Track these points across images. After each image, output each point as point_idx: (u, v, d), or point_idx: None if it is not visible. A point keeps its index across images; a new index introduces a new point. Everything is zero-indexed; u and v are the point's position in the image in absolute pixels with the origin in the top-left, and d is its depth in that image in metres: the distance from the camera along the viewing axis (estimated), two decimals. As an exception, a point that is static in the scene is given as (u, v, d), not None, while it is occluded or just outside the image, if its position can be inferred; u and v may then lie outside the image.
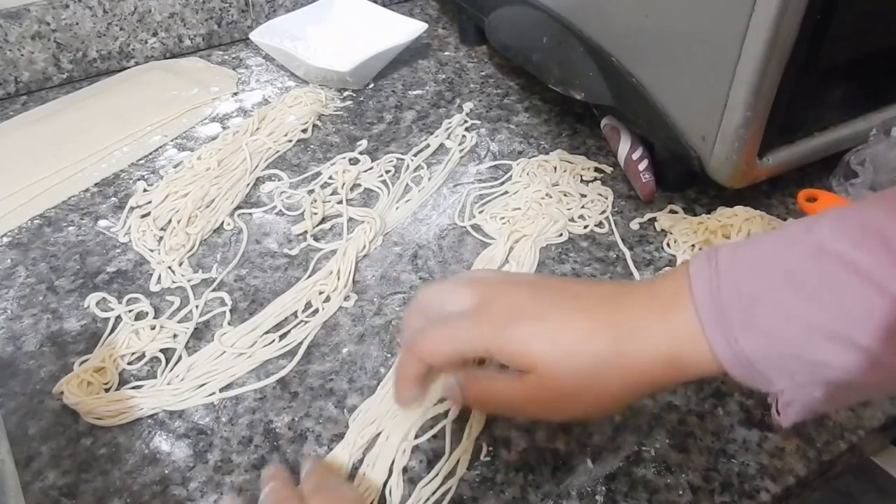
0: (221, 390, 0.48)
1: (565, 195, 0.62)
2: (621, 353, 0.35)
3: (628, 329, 0.35)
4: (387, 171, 0.66)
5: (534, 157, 0.67)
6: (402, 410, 0.43)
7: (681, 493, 0.41)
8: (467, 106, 0.75)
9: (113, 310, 0.53)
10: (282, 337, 0.51)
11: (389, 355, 0.50)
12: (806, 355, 0.32)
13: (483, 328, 0.37)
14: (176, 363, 0.49)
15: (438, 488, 0.41)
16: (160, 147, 0.70)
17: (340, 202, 0.62)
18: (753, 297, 0.33)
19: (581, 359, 0.35)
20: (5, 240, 0.60)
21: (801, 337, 0.32)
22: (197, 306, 0.53)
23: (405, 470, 0.42)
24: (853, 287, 0.31)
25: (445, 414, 0.44)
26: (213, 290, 0.55)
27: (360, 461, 0.43)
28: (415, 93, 0.78)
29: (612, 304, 0.37)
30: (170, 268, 0.57)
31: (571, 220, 0.60)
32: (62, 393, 0.47)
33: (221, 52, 0.85)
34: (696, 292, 0.34)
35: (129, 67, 0.82)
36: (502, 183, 0.65)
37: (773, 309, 0.32)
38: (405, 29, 0.81)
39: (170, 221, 0.61)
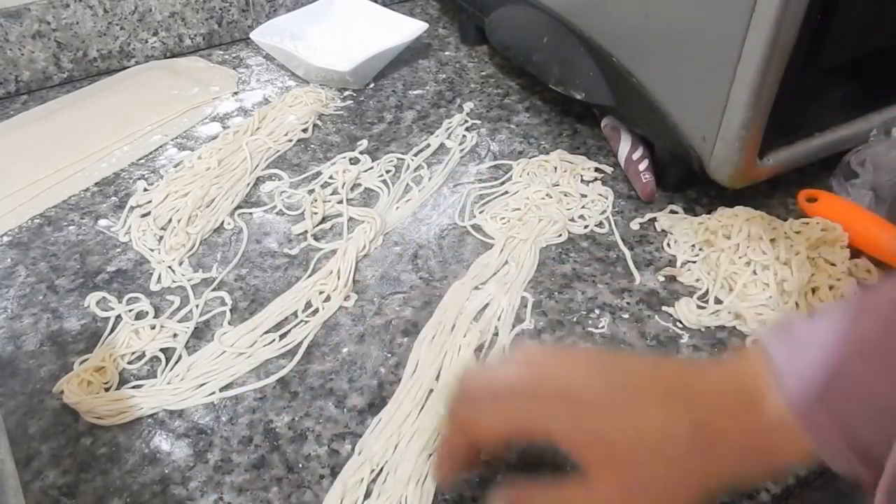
0: (221, 390, 0.48)
1: (565, 195, 0.62)
2: (701, 437, 0.31)
3: (709, 416, 0.32)
4: (387, 171, 0.66)
5: (534, 157, 0.67)
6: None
7: (681, 493, 0.41)
8: (467, 106, 0.75)
9: (113, 309, 0.53)
10: (282, 337, 0.51)
11: (389, 355, 0.50)
12: None
13: (542, 406, 0.33)
14: (176, 363, 0.49)
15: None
16: (160, 146, 0.70)
17: (340, 202, 0.62)
18: (845, 381, 0.30)
19: (657, 442, 0.31)
20: (5, 239, 0.60)
21: None
22: (197, 306, 0.53)
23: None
24: None
25: None
26: (213, 289, 0.55)
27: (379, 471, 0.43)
28: (415, 93, 0.78)
29: (685, 386, 0.33)
30: (170, 267, 0.56)
31: (571, 220, 0.60)
32: (62, 392, 0.47)
33: (222, 52, 0.85)
34: (784, 382, 0.31)
35: (129, 67, 0.82)
36: (502, 183, 0.65)
37: (872, 395, 0.29)
38: (405, 29, 0.81)
39: (170, 221, 0.61)
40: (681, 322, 0.52)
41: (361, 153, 0.69)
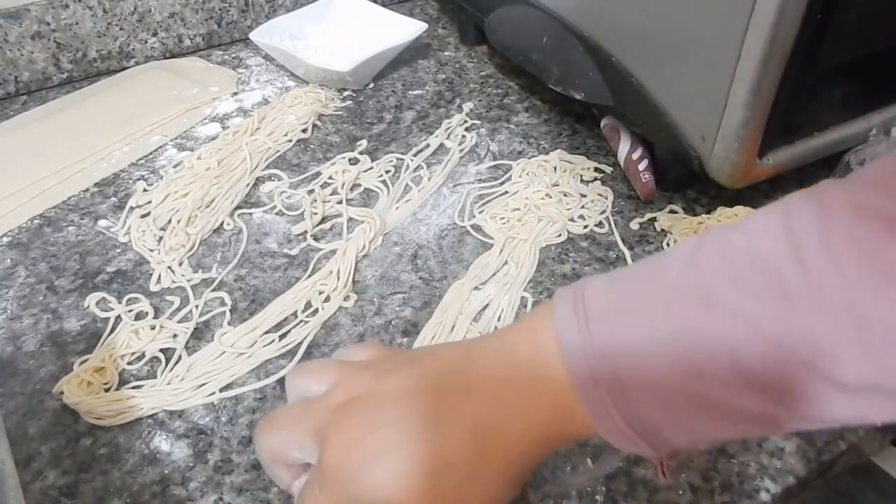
0: (221, 390, 0.48)
1: (565, 195, 0.62)
2: (487, 451, 0.30)
3: (487, 417, 0.30)
4: (387, 171, 0.66)
5: (534, 157, 0.67)
6: None
7: (681, 492, 0.41)
8: (467, 106, 0.75)
9: (113, 310, 0.53)
10: (282, 337, 0.51)
11: (389, 355, 0.50)
12: (696, 422, 0.28)
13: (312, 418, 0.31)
14: (176, 363, 0.49)
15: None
16: (160, 147, 0.70)
17: (340, 202, 0.62)
18: (632, 361, 0.28)
19: (445, 479, 0.29)
20: (5, 240, 0.60)
21: (690, 402, 0.28)
22: (197, 306, 0.53)
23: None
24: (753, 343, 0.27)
25: None
26: (213, 289, 0.55)
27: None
28: (415, 93, 0.78)
29: (461, 384, 0.31)
30: (170, 268, 0.57)
31: (571, 220, 0.60)
32: (62, 393, 0.47)
33: (221, 52, 0.85)
34: (567, 362, 0.29)
35: (129, 67, 0.82)
36: (502, 183, 0.65)
37: (660, 381, 0.28)
38: (405, 29, 0.81)
39: (170, 221, 0.61)
40: (681, 322, 0.52)
41: (361, 153, 0.69)
